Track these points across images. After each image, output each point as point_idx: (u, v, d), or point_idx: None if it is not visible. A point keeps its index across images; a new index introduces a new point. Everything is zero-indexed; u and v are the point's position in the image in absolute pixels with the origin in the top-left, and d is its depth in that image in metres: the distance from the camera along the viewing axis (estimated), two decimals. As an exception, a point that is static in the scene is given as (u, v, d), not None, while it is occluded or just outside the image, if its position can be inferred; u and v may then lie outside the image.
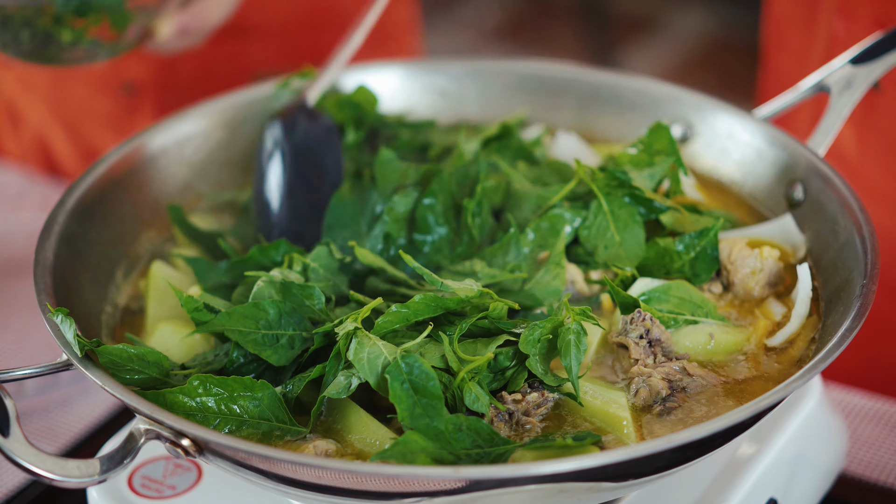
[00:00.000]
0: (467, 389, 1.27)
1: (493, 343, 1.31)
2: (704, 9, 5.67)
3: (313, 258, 1.45)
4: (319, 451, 1.26)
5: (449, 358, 1.28)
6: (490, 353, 1.30)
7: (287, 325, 1.36)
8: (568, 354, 1.29)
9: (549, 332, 1.31)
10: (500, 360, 1.31)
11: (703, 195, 1.61)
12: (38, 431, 1.74)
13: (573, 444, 1.23)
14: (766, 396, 1.20)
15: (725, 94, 1.68)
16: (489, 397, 1.28)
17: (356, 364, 1.28)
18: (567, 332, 1.30)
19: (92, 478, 1.18)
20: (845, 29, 1.87)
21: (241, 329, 1.35)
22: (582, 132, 1.73)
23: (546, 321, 1.31)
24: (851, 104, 1.54)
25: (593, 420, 1.30)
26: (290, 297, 1.37)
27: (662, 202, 1.49)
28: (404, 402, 1.25)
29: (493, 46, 5.46)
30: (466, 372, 1.27)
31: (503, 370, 1.32)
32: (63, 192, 1.50)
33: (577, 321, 1.30)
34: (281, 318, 1.36)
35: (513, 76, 1.77)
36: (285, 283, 1.38)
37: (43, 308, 1.33)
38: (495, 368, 1.31)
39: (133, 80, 2.34)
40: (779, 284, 1.45)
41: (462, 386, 1.27)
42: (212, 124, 1.68)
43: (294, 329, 1.35)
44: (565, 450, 1.23)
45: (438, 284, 1.34)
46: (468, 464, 1.22)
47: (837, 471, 1.60)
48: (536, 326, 1.31)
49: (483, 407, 1.27)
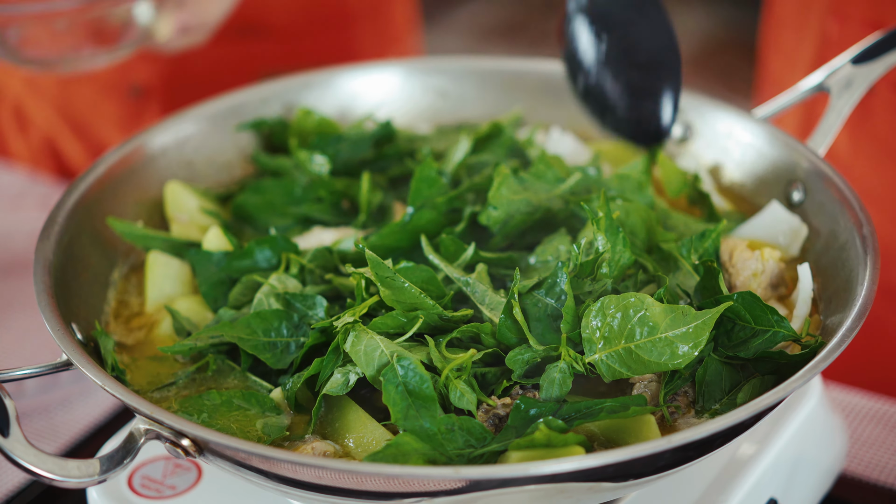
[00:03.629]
0: (452, 387, 1.27)
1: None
2: (704, 9, 5.67)
3: (310, 259, 1.45)
4: (318, 453, 1.26)
5: (434, 357, 1.29)
6: (473, 351, 1.30)
7: (290, 334, 1.37)
8: (550, 392, 1.29)
9: (538, 358, 1.31)
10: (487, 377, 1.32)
11: (726, 202, 1.60)
12: (38, 431, 1.74)
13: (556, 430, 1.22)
14: (766, 397, 1.20)
15: (725, 94, 1.69)
16: (475, 394, 1.28)
17: (353, 356, 1.28)
18: (554, 370, 1.30)
19: (92, 478, 1.18)
20: (838, 29, 1.87)
21: (243, 336, 1.36)
22: (582, 132, 1.73)
23: (542, 350, 1.31)
24: (851, 104, 1.54)
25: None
26: (292, 309, 1.38)
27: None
28: (398, 404, 1.25)
29: (493, 46, 5.46)
30: (451, 370, 1.27)
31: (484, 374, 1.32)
32: (63, 192, 1.50)
33: (568, 362, 1.30)
34: (283, 326, 1.37)
35: (513, 76, 1.77)
36: (287, 298, 1.39)
37: (43, 308, 1.33)
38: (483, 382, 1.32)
39: (140, 83, 2.34)
40: (780, 286, 1.45)
41: (447, 384, 1.27)
42: (212, 124, 1.67)
43: (296, 336, 1.37)
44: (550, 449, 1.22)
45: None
46: (461, 464, 1.22)
47: (837, 471, 1.59)
48: (527, 349, 1.31)
49: (469, 404, 1.27)
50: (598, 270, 1.36)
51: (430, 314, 1.33)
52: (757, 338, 1.33)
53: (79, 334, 1.36)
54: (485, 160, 1.62)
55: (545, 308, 1.34)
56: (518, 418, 1.26)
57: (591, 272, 1.35)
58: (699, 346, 1.27)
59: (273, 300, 1.40)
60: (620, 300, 1.29)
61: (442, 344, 1.31)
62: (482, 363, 1.32)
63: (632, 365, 1.28)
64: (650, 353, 1.28)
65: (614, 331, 1.29)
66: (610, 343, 1.29)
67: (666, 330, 1.28)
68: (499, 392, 1.30)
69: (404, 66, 1.79)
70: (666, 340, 1.28)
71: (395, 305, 1.33)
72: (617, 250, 1.37)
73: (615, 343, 1.29)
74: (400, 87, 1.77)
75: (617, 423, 1.25)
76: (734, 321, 1.33)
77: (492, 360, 1.33)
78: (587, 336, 1.29)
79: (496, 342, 1.33)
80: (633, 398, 1.27)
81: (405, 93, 1.77)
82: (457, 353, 1.30)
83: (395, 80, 1.77)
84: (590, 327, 1.29)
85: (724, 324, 1.33)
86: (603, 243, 1.36)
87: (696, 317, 1.28)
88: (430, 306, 1.33)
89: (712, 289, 1.36)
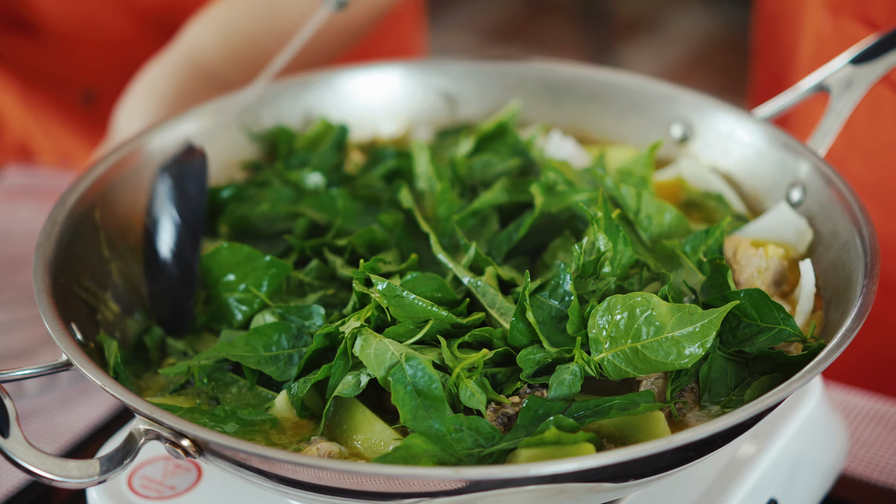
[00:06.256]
0: (463, 386, 1.27)
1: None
2: (704, 9, 5.67)
3: (306, 273, 1.45)
4: (323, 453, 1.26)
5: (446, 356, 1.29)
6: (485, 350, 1.30)
7: (291, 345, 1.37)
8: (559, 392, 1.29)
9: (550, 359, 1.31)
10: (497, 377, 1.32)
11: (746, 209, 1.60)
12: (38, 432, 1.74)
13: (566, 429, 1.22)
14: (766, 397, 1.20)
15: (725, 94, 1.69)
16: (486, 394, 1.27)
17: (363, 359, 1.28)
18: (565, 371, 1.29)
19: (92, 478, 1.18)
20: (832, 26, 1.87)
21: (244, 354, 1.36)
22: (581, 132, 1.73)
23: (555, 352, 1.30)
24: (851, 104, 1.54)
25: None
26: (289, 321, 1.38)
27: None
28: (407, 405, 1.25)
29: (493, 46, 5.46)
30: (462, 370, 1.27)
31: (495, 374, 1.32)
32: (63, 192, 1.50)
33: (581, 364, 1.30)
34: (283, 338, 1.37)
35: (513, 76, 1.77)
36: (281, 313, 1.39)
37: (43, 308, 1.33)
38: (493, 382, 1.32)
39: (91, 89, 2.33)
40: (784, 283, 1.45)
41: (458, 383, 1.27)
42: (212, 124, 1.67)
43: (297, 346, 1.37)
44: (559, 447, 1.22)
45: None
46: (470, 464, 1.22)
47: (838, 471, 1.59)
48: (539, 350, 1.31)
49: (479, 403, 1.27)
50: (600, 270, 1.36)
51: (442, 323, 1.33)
52: (762, 334, 1.33)
53: (78, 334, 1.36)
54: (488, 160, 1.62)
55: (549, 310, 1.34)
56: (527, 417, 1.26)
57: (594, 272, 1.35)
58: (706, 346, 1.27)
59: (269, 316, 1.40)
60: (627, 300, 1.29)
61: (454, 345, 1.31)
62: (492, 363, 1.32)
63: (638, 365, 1.28)
64: (656, 353, 1.27)
65: (620, 330, 1.29)
66: (616, 343, 1.29)
67: (672, 329, 1.28)
68: (509, 392, 1.30)
69: (405, 67, 1.79)
70: (672, 340, 1.28)
71: (405, 320, 1.32)
72: (618, 249, 1.37)
73: (621, 343, 1.29)
74: (400, 88, 1.77)
75: (626, 420, 1.25)
76: (739, 318, 1.33)
77: (501, 360, 1.33)
78: (594, 336, 1.29)
79: (505, 345, 1.33)
80: (641, 394, 1.27)
81: (406, 93, 1.77)
82: (468, 354, 1.30)
83: (395, 80, 1.77)
84: (596, 327, 1.29)
85: (730, 321, 1.33)
86: (604, 243, 1.36)
87: (703, 316, 1.28)
88: (444, 318, 1.33)
89: (720, 286, 1.36)
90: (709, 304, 1.33)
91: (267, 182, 1.64)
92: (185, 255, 1.50)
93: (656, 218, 1.49)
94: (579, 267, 1.35)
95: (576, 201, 1.49)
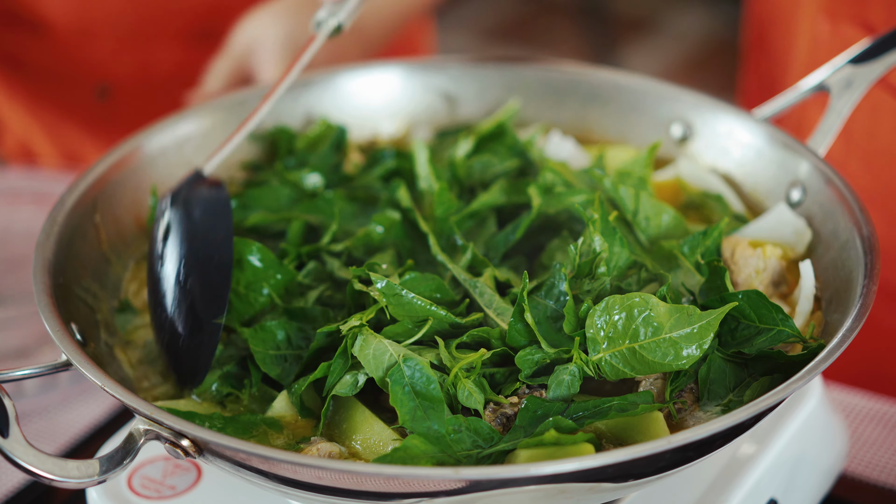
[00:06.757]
0: (461, 386, 1.27)
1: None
2: (704, 9, 5.67)
3: (304, 275, 1.45)
4: (323, 453, 1.26)
5: (444, 357, 1.29)
6: (483, 350, 1.29)
7: (296, 346, 1.37)
8: (558, 392, 1.29)
9: (549, 360, 1.31)
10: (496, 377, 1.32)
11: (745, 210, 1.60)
12: (37, 432, 1.74)
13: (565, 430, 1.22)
14: (766, 397, 1.20)
15: (725, 95, 1.69)
16: (484, 394, 1.27)
17: (362, 359, 1.28)
18: (564, 372, 1.29)
19: (91, 478, 1.18)
20: (830, 30, 1.87)
21: (258, 349, 1.36)
22: (581, 132, 1.73)
23: (553, 353, 1.30)
24: (851, 104, 1.54)
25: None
26: (294, 322, 1.39)
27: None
28: (405, 405, 1.25)
29: (493, 46, 5.46)
30: (460, 370, 1.27)
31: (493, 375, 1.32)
32: (63, 192, 1.50)
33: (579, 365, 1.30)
34: (289, 339, 1.37)
35: (513, 76, 1.77)
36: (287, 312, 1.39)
37: (42, 308, 1.33)
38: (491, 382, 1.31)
39: (107, 84, 2.33)
40: (782, 284, 1.45)
41: (456, 383, 1.27)
42: (212, 124, 1.67)
43: (303, 348, 1.37)
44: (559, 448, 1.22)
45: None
46: (469, 465, 1.22)
47: (838, 471, 1.59)
48: (537, 351, 1.31)
49: (477, 403, 1.27)
50: (595, 270, 1.36)
51: (440, 322, 1.33)
52: (761, 336, 1.32)
53: (78, 335, 1.36)
54: (487, 161, 1.61)
55: (545, 310, 1.34)
56: (526, 418, 1.26)
57: (590, 272, 1.35)
58: (703, 348, 1.27)
59: (274, 313, 1.41)
60: (625, 300, 1.29)
61: (452, 345, 1.31)
62: (490, 363, 1.32)
63: (635, 365, 1.28)
64: (654, 354, 1.27)
65: (618, 331, 1.28)
66: (614, 343, 1.29)
67: (670, 330, 1.28)
68: (507, 392, 1.30)
69: (405, 67, 1.78)
70: (670, 341, 1.28)
71: (404, 319, 1.32)
72: (614, 251, 1.36)
73: (619, 343, 1.28)
74: (400, 87, 1.77)
75: (625, 420, 1.25)
76: (738, 319, 1.33)
77: (500, 360, 1.33)
78: (591, 336, 1.29)
79: (503, 346, 1.33)
80: (640, 395, 1.27)
81: (406, 93, 1.77)
82: (466, 354, 1.30)
83: (395, 80, 1.77)
84: (594, 327, 1.29)
85: (728, 322, 1.33)
86: (600, 243, 1.36)
87: (701, 317, 1.28)
88: (443, 317, 1.33)
89: (718, 288, 1.36)
90: (707, 306, 1.33)
91: (265, 182, 1.63)
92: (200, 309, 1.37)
93: (654, 219, 1.49)
94: (575, 267, 1.35)
95: (573, 203, 1.49)
